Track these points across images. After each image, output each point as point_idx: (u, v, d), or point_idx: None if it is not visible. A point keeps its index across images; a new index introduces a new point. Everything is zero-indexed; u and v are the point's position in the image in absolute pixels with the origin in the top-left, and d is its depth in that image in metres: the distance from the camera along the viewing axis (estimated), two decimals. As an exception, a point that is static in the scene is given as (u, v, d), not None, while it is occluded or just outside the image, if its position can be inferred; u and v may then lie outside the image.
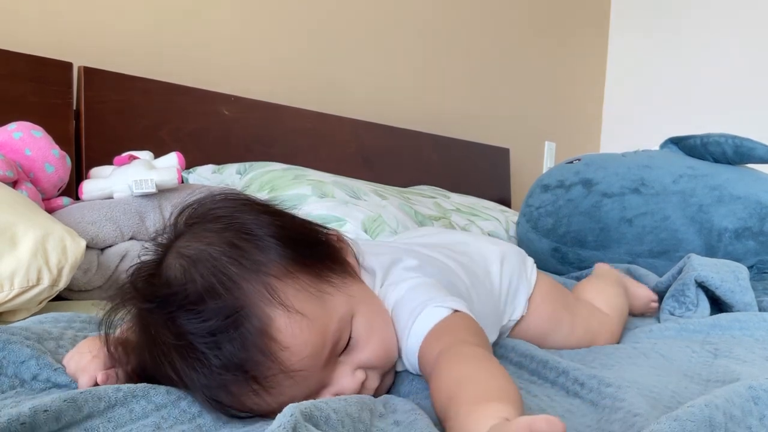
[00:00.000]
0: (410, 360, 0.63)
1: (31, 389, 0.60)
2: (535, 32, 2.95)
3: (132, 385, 0.55)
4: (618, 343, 0.99)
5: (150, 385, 0.55)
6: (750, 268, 1.42)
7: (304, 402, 0.49)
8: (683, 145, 1.65)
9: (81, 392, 0.51)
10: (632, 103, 3.31)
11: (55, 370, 0.61)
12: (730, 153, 1.54)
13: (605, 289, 1.09)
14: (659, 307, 1.18)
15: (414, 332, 0.62)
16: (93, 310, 0.92)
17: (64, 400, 0.49)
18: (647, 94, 3.25)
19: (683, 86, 3.12)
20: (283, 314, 0.54)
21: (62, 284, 0.90)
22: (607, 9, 3.40)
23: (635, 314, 1.18)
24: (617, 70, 3.38)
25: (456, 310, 0.63)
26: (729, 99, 2.96)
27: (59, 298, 0.95)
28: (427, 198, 1.80)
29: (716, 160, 1.58)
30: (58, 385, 0.61)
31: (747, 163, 1.58)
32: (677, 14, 3.17)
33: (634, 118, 3.27)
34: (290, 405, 0.47)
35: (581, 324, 0.96)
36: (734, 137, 1.53)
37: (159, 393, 0.55)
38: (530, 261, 0.98)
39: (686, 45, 3.13)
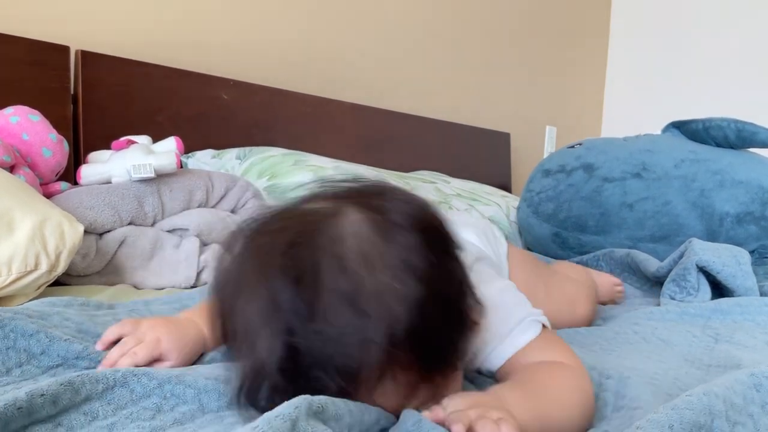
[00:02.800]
0: (493, 360, 0.64)
1: (38, 365, 0.58)
2: (536, 16, 2.92)
3: (132, 368, 0.54)
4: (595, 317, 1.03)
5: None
6: (751, 252, 1.42)
7: (320, 397, 0.46)
8: (685, 129, 1.64)
9: (78, 375, 0.50)
10: (634, 88, 3.29)
11: (66, 341, 0.60)
12: (732, 137, 1.53)
13: (569, 264, 1.18)
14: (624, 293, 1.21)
15: (512, 340, 0.64)
16: (91, 294, 0.92)
17: (61, 384, 0.48)
18: (649, 78, 3.23)
19: (685, 70, 3.10)
20: None
21: (60, 269, 0.89)
22: (609, -8, 3.38)
23: (603, 303, 1.18)
24: (618, 55, 3.36)
25: (544, 325, 0.66)
26: (731, 83, 2.94)
27: (57, 283, 0.95)
28: (428, 183, 1.80)
29: (718, 145, 1.57)
30: (66, 360, 0.60)
31: (749, 148, 1.57)
32: (680, -3, 3.14)
33: (636, 102, 3.25)
34: (301, 397, 0.44)
35: (556, 287, 0.99)
36: (736, 121, 1.52)
37: (161, 368, 0.54)
38: (498, 231, 1.00)
39: (688, 29, 3.10)
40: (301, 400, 0.43)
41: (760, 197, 1.45)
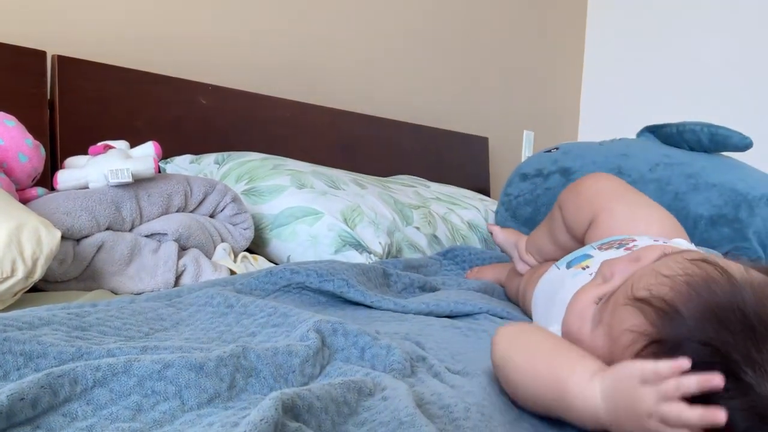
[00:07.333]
0: None
1: (36, 368, 0.55)
2: (513, 22, 2.95)
3: (113, 361, 0.53)
4: None
5: (133, 357, 0.54)
6: (725, 254, 1.44)
7: (287, 391, 0.48)
8: (660, 133, 1.66)
9: (58, 376, 0.49)
10: (609, 92, 3.33)
11: (57, 346, 0.58)
12: (705, 141, 1.55)
13: None
14: None
15: None
16: (69, 300, 0.91)
17: (41, 387, 0.48)
18: (624, 83, 3.27)
19: (660, 75, 3.14)
20: None
21: (37, 276, 0.88)
22: (585, -2, 3.42)
23: None
24: (595, 59, 3.40)
25: None
26: (706, 87, 2.98)
27: (34, 289, 0.94)
28: (407, 187, 1.80)
29: (692, 149, 1.59)
30: (62, 363, 0.57)
31: (722, 151, 1.60)
32: (654, 3, 3.18)
33: (612, 106, 3.29)
34: (273, 395, 0.46)
35: None
36: (710, 125, 1.55)
37: (142, 365, 0.53)
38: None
39: (663, 35, 3.15)
40: (277, 401, 0.44)
41: (732, 200, 1.47)
